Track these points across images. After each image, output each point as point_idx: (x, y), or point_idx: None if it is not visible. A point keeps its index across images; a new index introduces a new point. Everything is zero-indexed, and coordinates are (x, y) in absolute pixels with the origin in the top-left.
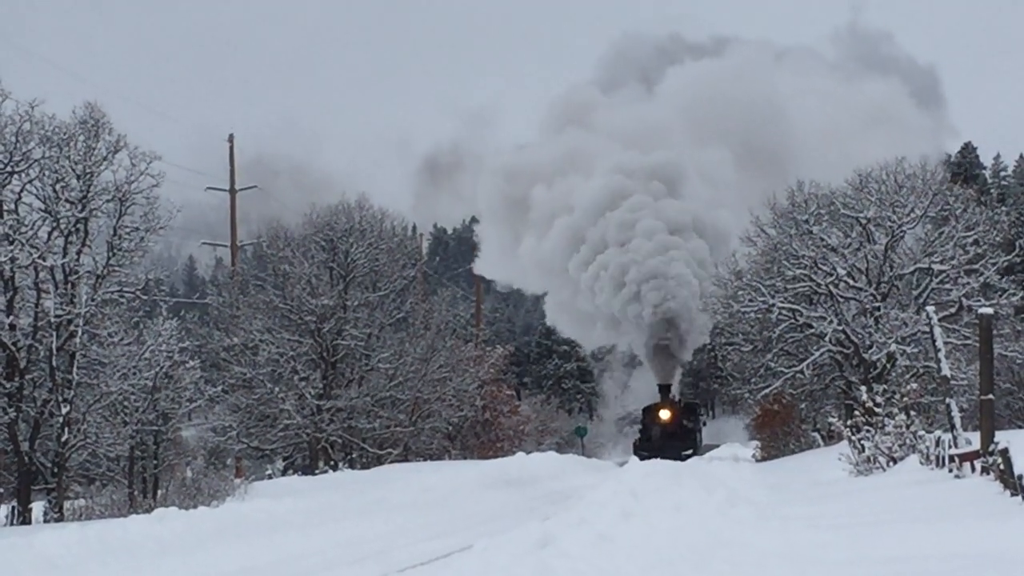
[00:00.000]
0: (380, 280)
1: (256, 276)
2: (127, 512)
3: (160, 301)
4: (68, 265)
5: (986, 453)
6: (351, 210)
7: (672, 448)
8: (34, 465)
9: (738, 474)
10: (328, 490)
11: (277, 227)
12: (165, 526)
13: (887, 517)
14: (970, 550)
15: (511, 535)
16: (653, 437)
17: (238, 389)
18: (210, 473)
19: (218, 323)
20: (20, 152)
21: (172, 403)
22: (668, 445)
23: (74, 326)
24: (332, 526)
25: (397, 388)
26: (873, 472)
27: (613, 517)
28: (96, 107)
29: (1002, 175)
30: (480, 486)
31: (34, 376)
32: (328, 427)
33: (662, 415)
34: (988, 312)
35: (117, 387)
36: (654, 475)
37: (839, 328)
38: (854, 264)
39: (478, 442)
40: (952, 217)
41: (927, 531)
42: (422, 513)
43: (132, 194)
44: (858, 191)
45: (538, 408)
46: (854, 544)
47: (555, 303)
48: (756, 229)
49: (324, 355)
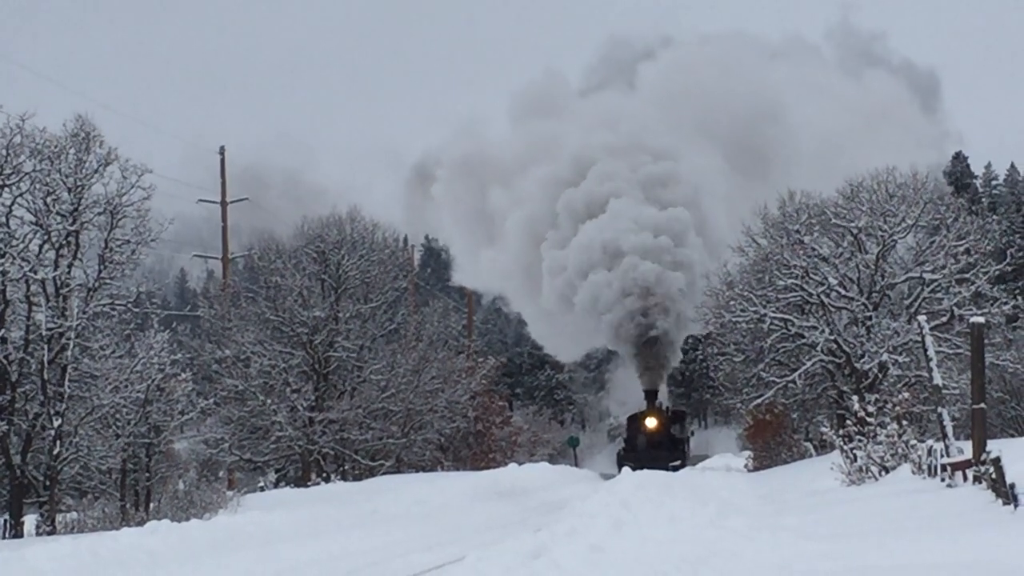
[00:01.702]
0: (372, 292)
1: (248, 288)
2: (119, 525)
3: (152, 313)
4: (59, 278)
5: (978, 462)
6: (342, 222)
7: (659, 458)
8: (26, 478)
9: (730, 484)
10: (321, 502)
11: (269, 239)
12: (157, 539)
13: (879, 527)
14: (962, 559)
15: (504, 546)
16: (638, 447)
17: (230, 401)
18: (202, 485)
19: (210, 335)
20: (11, 165)
21: (164, 416)
22: (654, 455)
23: (65, 339)
24: (325, 538)
25: (389, 400)
26: (865, 482)
27: (605, 528)
28: (87, 120)
29: (993, 184)
30: (473, 497)
31: (26, 389)
32: (320, 439)
33: (648, 423)
34: (979, 321)
35: (109, 400)
36: (646, 486)
37: (831, 338)
38: (845, 274)
39: (470, 453)
40: (943, 226)
41: (919, 540)
42: (415, 525)
43: (123, 207)
44: (849, 201)
45: (530, 419)
46: (846, 554)
47: (531, 312)
48: (747, 239)
49: (316, 367)
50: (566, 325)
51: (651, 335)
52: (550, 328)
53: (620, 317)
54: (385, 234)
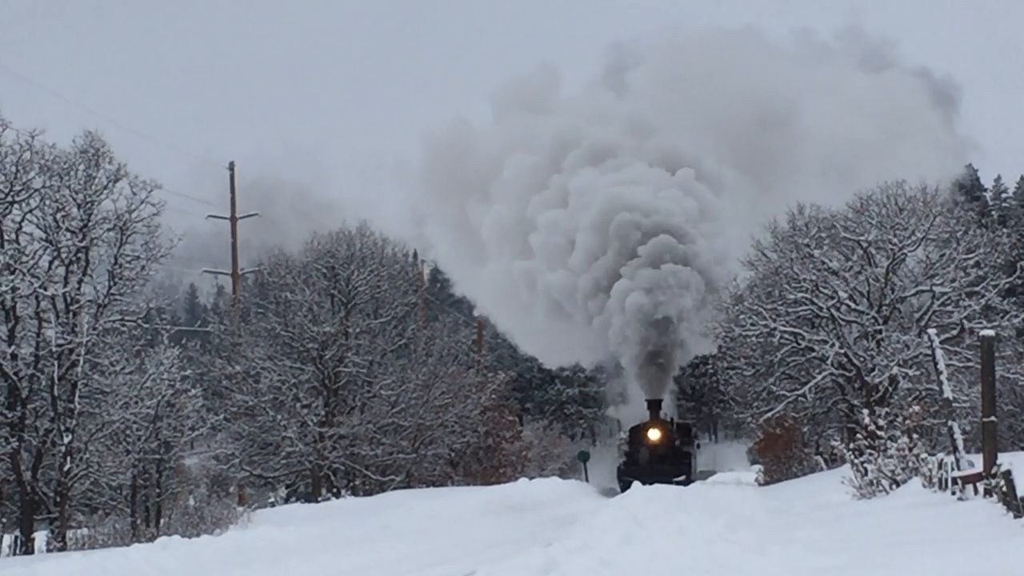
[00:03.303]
0: (381, 307)
1: (257, 304)
2: (130, 541)
3: (161, 329)
4: (69, 294)
5: (989, 475)
6: (352, 237)
7: (662, 473)
8: (37, 495)
9: (740, 498)
10: (331, 517)
11: (278, 254)
12: (168, 555)
13: (890, 540)
14: (973, 572)
15: (514, 561)
16: (640, 461)
17: (240, 417)
18: (213, 501)
19: (220, 351)
20: (20, 182)
21: (174, 432)
22: (657, 470)
23: (76, 355)
24: (335, 553)
25: (399, 415)
26: (876, 495)
27: (615, 542)
28: (96, 136)
29: (1003, 197)
30: (483, 512)
31: (36, 405)
32: (331, 454)
33: (651, 435)
34: (990, 334)
35: (119, 416)
36: (656, 500)
37: (841, 351)
38: (855, 287)
39: (481, 468)
40: (953, 239)
41: (930, 554)
42: (425, 540)
43: (133, 223)
44: (859, 214)
45: (541, 434)
46: (857, 567)
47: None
48: (757, 253)
49: (326, 382)
50: (558, 333)
51: (652, 350)
52: (541, 337)
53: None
54: (395, 249)
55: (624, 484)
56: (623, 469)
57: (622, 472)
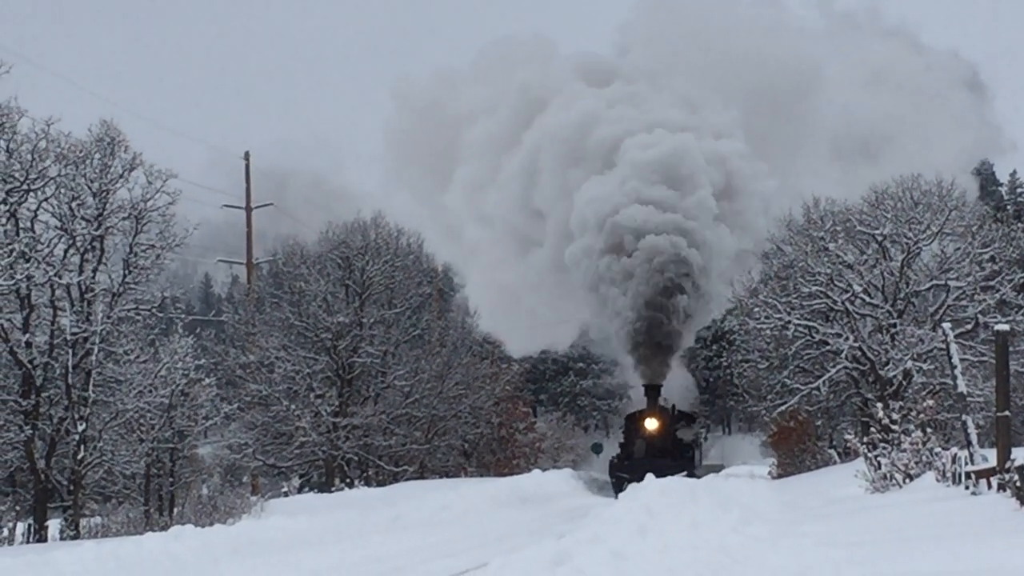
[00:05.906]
0: (396, 297)
1: (272, 293)
2: (143, 530)
3: (176, 319)
4: (84, 283)
5: (1003, 470)
6: (367, 228)
7: (660, 468)
8: (50, 483)
9: (753, 491)
10: (344, 508)
11: (293, 244)
12: (181, 544)
13: (903, 534)
14: (987, 566)
15: (526, 553)
16: (635, 454)
17: (254, 406)
18: (226, 491)
19: (234, 340)
20: (36, 170)
21: (188, 421)
22: (654, 464)
23: (90, 344)
24: (348, 544)
25: (413, 405)
26: (889, 489)
27: (628, 535)
28: (112, 125)
29: (1019, 191)
30: (496, 503)
31: (50, 394)
32: (344, 444)
33: (648, 424)
34: (1004, 329)
35: (133, 405)
36: (669, 492)
37: (855, 345)
38: (870, 281)
39: (494, 459)
40: (968, 233)
41: (943, 548)
42: (438, 531)
43: (148, 212)
44: (874, 208)
45: (554, 425)
46: (870, 562)
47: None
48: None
49: (340, 372)
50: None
51: (652, 323)
52: (506, 320)
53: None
54: (409, 240)
55: (617, 480)
56: (615, 463)
57: (614, 466)
